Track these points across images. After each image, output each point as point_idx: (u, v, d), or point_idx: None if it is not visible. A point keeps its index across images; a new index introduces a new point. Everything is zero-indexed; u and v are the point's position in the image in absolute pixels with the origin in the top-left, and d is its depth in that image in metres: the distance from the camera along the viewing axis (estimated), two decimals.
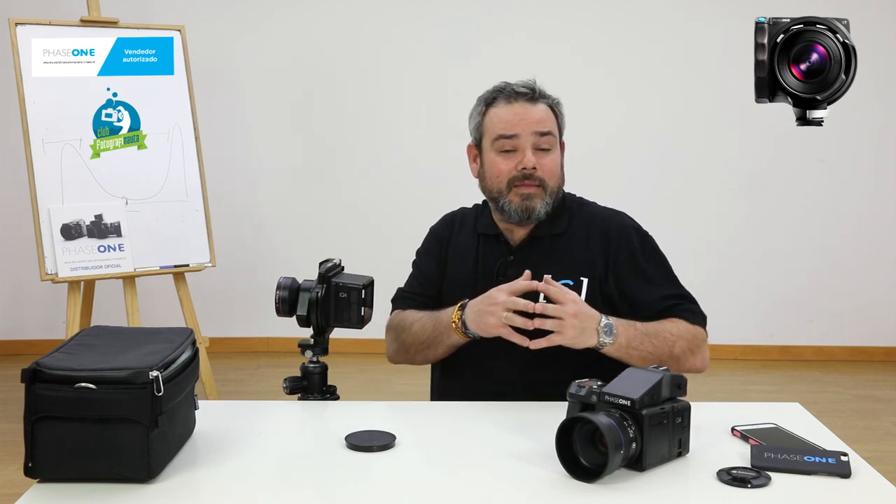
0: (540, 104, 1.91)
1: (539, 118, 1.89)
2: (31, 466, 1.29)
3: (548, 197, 1.89)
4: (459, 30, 4.76)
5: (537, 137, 1.88)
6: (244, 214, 4.80)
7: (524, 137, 1.88)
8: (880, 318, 4.92)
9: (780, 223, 4.89)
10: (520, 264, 1.86)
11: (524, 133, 1.88)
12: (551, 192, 1.90)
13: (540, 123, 1.89)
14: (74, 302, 3.46)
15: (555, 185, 1.91)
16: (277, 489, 1.34)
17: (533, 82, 1.94)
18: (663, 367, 1.44)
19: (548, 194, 1.89)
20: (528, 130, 1.88)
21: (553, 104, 1.94)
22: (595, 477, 1.31)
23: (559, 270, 1.83)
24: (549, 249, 1.91)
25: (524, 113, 1.89)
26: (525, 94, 1.91)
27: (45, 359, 1.32)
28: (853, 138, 4.75)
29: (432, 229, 2.10)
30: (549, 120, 1.91)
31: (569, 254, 1.90)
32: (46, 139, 3.45)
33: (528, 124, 1.88)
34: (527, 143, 1.88)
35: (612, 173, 4.65)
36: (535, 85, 1.93)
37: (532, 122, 1.88)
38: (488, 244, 1.97)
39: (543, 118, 1.90)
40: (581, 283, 1.86)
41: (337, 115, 4.82)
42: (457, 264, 1.99)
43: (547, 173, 1.89)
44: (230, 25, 4.73)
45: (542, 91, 1.93)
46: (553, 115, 1.93)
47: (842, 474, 1.35)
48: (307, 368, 1.79)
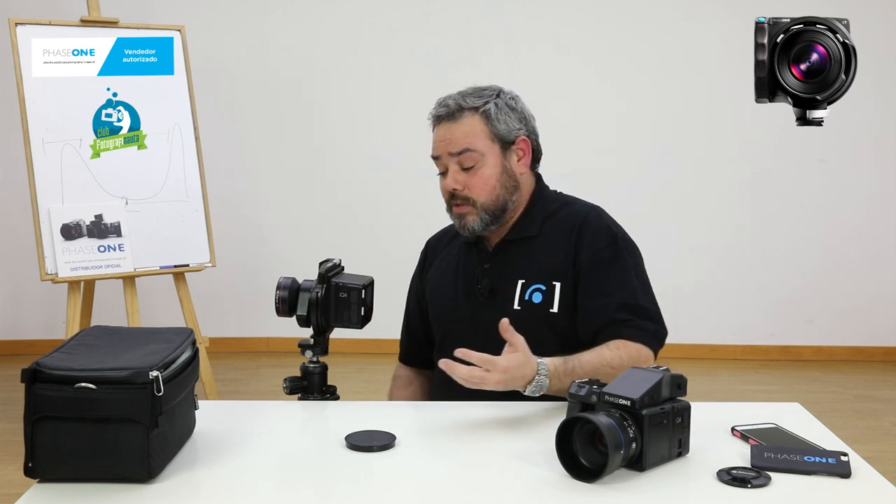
0: (463, 119, 1.85)
1: (454, 138, 1.84)
2: (31, 466, 1.29)
3: (481, 212, 1.85)
4: (459, 33, 4.76)
5: (455, 157, 1.85)
6: (244, 214, 4.80)
7: (444, 159, 1.86)
8: (880, 318, 4.92)
9: (780, 223, 4.89)
10: (494, 271, 1.89)
11: (443, 155, 1.86)
12: (483, 206, 1.85)
13: (454, 144, 1.84)
14: (74, 302, 3.46)
15: (487, 199, 1.85)
16: (277, 489, 1.34)
17: (463, 93, 1.88)
18: (663, 367, 1.44)
19: (480, 209, 1.85)
20: (445, 153, 1.86)
21: (482, 111, 1.85)
22: (595, 477, 1.31)
23: (532, 275, 1.83)
24: (521, 254, 1.89)
25: (442, 135, 1.86)
26: (441, 115, 1.87)
27: (45, 359, 1.32)
28: (853, 138, 4.75)
29: (424, 247, 2.13)
30: (472, 134, 1.84)
31: (541, 257, 1.87)
32: (46, 139, 3.45)
33: (444, 146, 1.85)
34: (449, 164, 1.86)
35: (612, 174, 4.65)
36: (453, 99, 1.87)
37: (447, 143, 1.85)
38: (469, 253, 1.97)
39: (461, 135, 1.84)
40: (554, 287, 1.83)
41: (337, 115, 4.82)
42: (441, 276, 2.01)
43: (474, 190, 1.84)
44: (230, 25, 4.73)
45: (465, 102, 1.85)
46: (483, 124, 1.85)
47: (842, 474, 1.35)
48: (307, 368, 1.79)
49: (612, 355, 1.73)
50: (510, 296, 1.86)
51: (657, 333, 1.81)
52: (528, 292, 1.85)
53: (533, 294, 1.84)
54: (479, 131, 1.85)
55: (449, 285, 1.97)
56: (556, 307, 1.83)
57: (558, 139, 2.15)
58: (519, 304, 1.84)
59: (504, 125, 1.87)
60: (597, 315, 1.80)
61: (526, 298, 1.84)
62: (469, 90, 1.90)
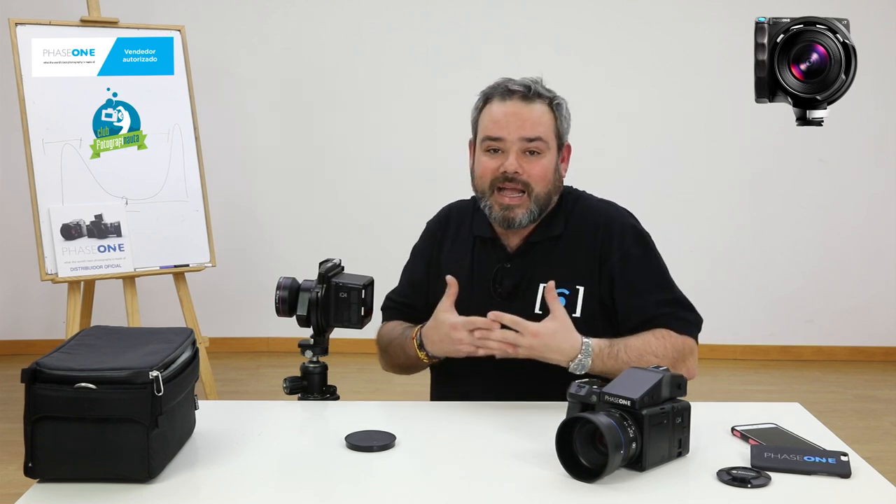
0: (536, 104, 1.82)
1: (529, 122, 1.81)
2: (31, 466, 1.29)
3: (532, 204, 1.81)
4: (459, 33, 4.75)
5: (525, 142, 1.80)
6: (244, 214, 4.80)
7: (510, 141, 1.80)
8: (880, 318, 4.92)
9: (780, 223, 4.89)
10: (516, 271, 1.85)
11: (511, 137, 1.80)
12: (537, 198, 1.81)
13: (529, 128, 1.80)
14: (74, 302, 3.46)
15: (542, 191, 1.82)
16: (277, 489, 1.34)
17: (533, 80, 1.86)
18: (663, 367, 1.44)
19: (532, 201, 1.81)
20: (515, 134, 1.80)
21: (554, 104, 1.85)
22: (595, 477, 1.31)
23: (555, 278, 1.78)
24: (546, 255, 1.86)
25: (515, 114, 1.81)
26: (519, 92, 1.82)
27: (45, 359, 1.32)
28: (853, 138, 4.75)
29: (428, 224, 2.05)
30: (543, 123, 1.82)
31: (566, 259, 1.84)
32: (46, 139, 3.45)
33: (516, 128, 1.80)
34: (513, 146, 1.80)
35: (612, 174, 4.64)
36: (533, 82, 1.84)
37: (520, 125, 1.80)
38: (484, 248, 1.91)
39: (535, 121, 1.81)
40: (577, 291, 1.81)
41: (337, 114, 4.81)
42: (451, 269, 1.91)
43: (533, 178, 1.80)
44: (230, 25, 4.73)
45: (541, 90, 1.84)
46: (552, 116, 1.84)
47: (842, 474, 1.35)
48: (307, 368, 1.79)
49: (658, 344, 1.75)
50: (531, 299, 1.82)
51: (698, 323, 1.84)
52: None
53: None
54: (549, 122, 1.84)
55: (462, 279, 1.85)
56: (578, 312, 1.80)
57: None
58: (540, 307, 1.80)
59: (565, 124, 1.88)
60: (636, 312, 1.81)
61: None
62: (539, 79, 1.87)
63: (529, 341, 1.61)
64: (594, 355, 1.66)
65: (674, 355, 1.76)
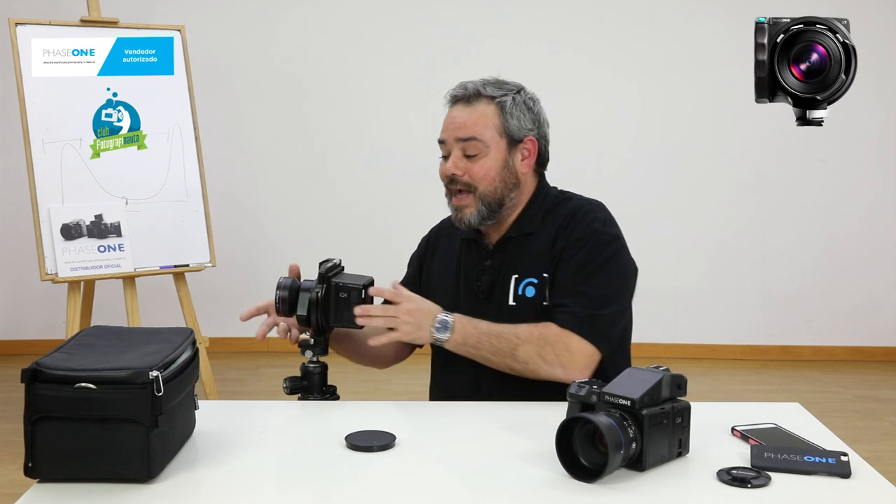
0: (478, 105, 1.83)
1: (465, 123, 1.82)
2: (31, 466, 1.29)
3: (479, 203, 1.83)
4: (459, 33, 4.76)
5: (461, 143, 1.83)
6: (244, 214, 4.81)
7: (450, 143, 1.85)
8: (880, 318, 4.92)
9: (780, 223, 4.89)
10: (493, 268, 1.88)
11: (449, 139, 1.85)
12: (483, 197, 1.83)
13: (463, 129, 1.82)
14: (74, 302, 3.46)
15: (487, 189, 1.83)
16: (277, 489, 1.34)
17: (485, 81, 1.86)
18: (664, 367, 1.44)
19: (479, 200, 1.83)
20: (451, 137, 1.84)
21: (500, 102, 1.83)
22: (595, 477, 1.31)
23: (526, 269, 1.82)
24: (519, 249, 1.87)
25: (454, 117, 1.84)
26: (458, 96, 1.86)
27: (45, 359, 1.32)
28: (853, 138, 4.75)
29: (427, 234, 2.10)
30: (481, 123, 1.82)
31: (536, 252, 1.85)
32: (46, 139, 3.45)
33: (453, 130, 1.84)
34: (451, 148, 1.84)
35: (612, 174, 4.65)
36: (484, 84, 1.85)
37: (456, 127, 1.83)
38: (469, 249, 1.95)
39: (472, 122, 1.82)
40: (545, 280, 1.82)
41: (336, 114, 4.82)
42: (441, 272, 1.99)
43: (475, 178, 1.82)
44: (230, 25, 4.74)
45: (485, 90, 1.84)
46: (497, 114, 1.83)
47: (842, 474, 1.35)
48: (307, 368, 1.79)
49: (525, 328, 1.74)
50: (506, 291, 1.85)
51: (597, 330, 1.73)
52: (521, 287, 1.83)
53: (526, 288, 1.83)
54: (490, 122, 1.83)
55: (450, 282, 1.95)
56: (548, 300, 1.81)
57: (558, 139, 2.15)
58: (514, 299, 1.83)
59: (516, 122, 1.85)
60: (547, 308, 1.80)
61: (520, 293, 1.83)
62: (492, 79, 1.88)
63: (408, 305, 1.72)
64: (453, 319, 1.74)
65: (539, 343, 1.72)
